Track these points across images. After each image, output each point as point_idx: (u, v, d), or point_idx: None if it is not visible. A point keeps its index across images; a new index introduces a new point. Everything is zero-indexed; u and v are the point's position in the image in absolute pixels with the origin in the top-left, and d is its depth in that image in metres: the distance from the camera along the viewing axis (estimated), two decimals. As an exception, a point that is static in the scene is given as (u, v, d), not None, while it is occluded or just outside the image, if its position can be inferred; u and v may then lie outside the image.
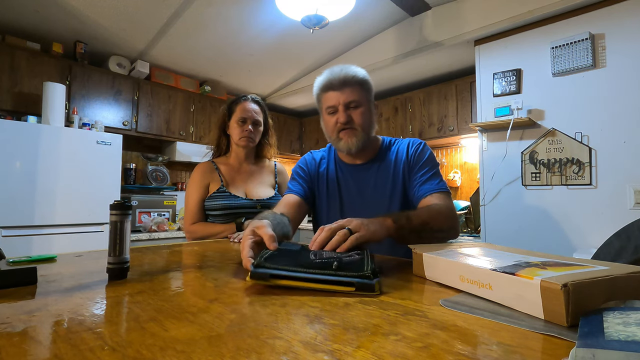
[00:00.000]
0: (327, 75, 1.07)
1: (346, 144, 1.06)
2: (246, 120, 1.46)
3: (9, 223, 2.25)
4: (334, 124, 1.06)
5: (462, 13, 2.56)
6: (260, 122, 1.51)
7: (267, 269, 0.52)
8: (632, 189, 1.92)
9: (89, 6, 2.44)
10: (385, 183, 1.09)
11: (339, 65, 1.08)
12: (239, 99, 1.51)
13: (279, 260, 0.55)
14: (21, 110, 2.59)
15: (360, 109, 1.05)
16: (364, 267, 0.54)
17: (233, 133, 1.49)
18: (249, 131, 1.46)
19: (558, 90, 2.19)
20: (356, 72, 1.06)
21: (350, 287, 0.50)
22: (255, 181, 1.52)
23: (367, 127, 1.07)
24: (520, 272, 0.42)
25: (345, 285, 0.50)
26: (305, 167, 1.20)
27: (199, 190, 1.45)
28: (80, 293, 0.50)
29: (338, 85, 1.04)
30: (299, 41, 2.97)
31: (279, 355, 0.30)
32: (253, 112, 1.48)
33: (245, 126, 1.46)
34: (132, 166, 3.29)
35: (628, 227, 0.77)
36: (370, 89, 1.09)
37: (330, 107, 1.06)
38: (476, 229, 2.94)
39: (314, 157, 1.22)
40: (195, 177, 1.47)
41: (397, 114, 3.54)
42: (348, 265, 0.54)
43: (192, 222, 1.43)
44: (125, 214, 0.60)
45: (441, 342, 0.33)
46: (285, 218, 0.93)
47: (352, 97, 1.03)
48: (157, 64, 3.30)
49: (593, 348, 0.25)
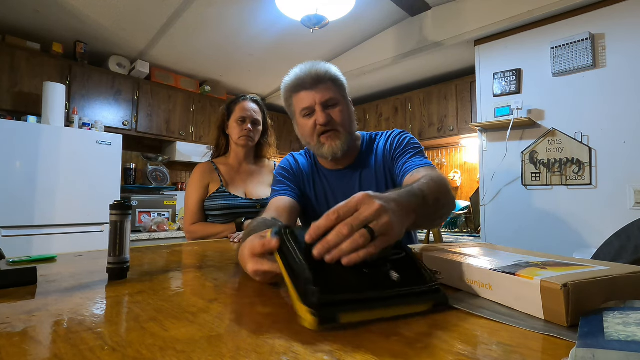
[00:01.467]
0: (297, 73, 0.95)
1: (330, 149, 0.95)
2: (245, 120, 1.47)
3: (9, 223, 2.25)
4: (312, 128, 0.95)
5: (462, 13, 2.56)
6: (259, 122, 1.51)
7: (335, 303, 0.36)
8: (632, 189, 1.92)
9: (89, 6, 2.44)
10: (371, 186, 1.00)
11: (307, 62, 0.96)
12: (237, 99, 1.52)
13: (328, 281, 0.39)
14: (21, 110, 2.59)
15: (339, 107, 0.95)
16: (423, 274, 0.42)
17: (232, 132, 1.49)
18: (248, 130, 1.46)
19: (558, 90, 2.19)
20: (328, 69, 0.96)
21: (424, 306, 0.39)
22: (254, 181, 1.52)
23: (349, 126, 0.97)
24: (520, 272, 0.42)
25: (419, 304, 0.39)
26: (289, 168, 1.09)
27: (199, 190, 1.45)
28: (80, 293, 0.50)
29: (311, 84, 0.93)
30: (299, 41, 2.97)
31: (279, 355, 0.30)
32: (252, 112, 1.48)
33: (245, 125, 1.46)
34: (132, 166, 3.29)
35: (628, 227, 0.77)
36: (343, 85, 0.99)
37: (305, 109, 0.94)
38: (476, 229, 2.94)
39: (296, 159, 1.12)
40: (194, 177, 1.47)
41: (397, 114, 3.54)
42: (407, 275, 0.41)
43: (192, 223, 1.44)
44: (125, 214, 0.60)
45: (441, 342, 0.33)
46: (278, 222, 0.84)
47: (328, 94, 0.93)
48: (157, 64, 3.30)
49: (593, 348, 0.25)
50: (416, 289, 0.40)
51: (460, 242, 2.60)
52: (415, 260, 0.46)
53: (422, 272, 0.42)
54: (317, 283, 0.37)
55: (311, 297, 0.36)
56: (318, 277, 0.39)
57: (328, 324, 0.35)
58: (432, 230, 2.64)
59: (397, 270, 0.42)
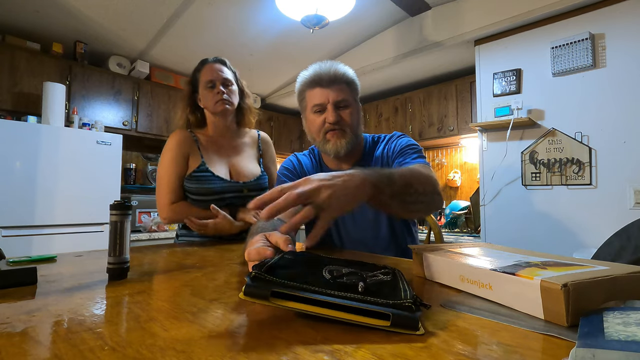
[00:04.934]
0: (315, 70, 0.99)
1: (334, 146, 0.98)
2: (215, 83, 1.27)
3: (9, 223, 2.25)
4: (321, 124, 0.98)
5: (462, 13, 2.56)
6: (230, 81, 1.30)
7: (268, 283, 0.38)
8: (632, 189, 1.92)
9: (89, 6, 2.44)
10: None
11: (327, 61, 1.00)
12: (199, 66, 1.33)
13: (283, 273, 0.41)
14: (21, 110, 2.59)
15: (349, 109, 0.99)
16: (400, 293, 0.40)
17: (206, 102, 1.28)
18: (221, 92, 1.26)
19: (558, 90, 2.19)
20: (346, 71, 1.00)
21: (384, 322, 0.36)
22: (238, 157, 1.34)
23: (356, 128, 1.01)
24: (520, 272, 0.42)
25: (375, 316, 0.36)
26: (292, 168, 1.11)
27: (179, 162, 1.24)
28: (80, 293, 0.50)
29: (327, 82, 0.97)
30: (299, 41, 2.97)
31: (279, 355, 0.30)
32: (219, 72, 1.28)
33: (216, 89, 1.26)
34: (132, 166, 3.29)
35: (628, 227, 0.77)
36: (357, 89, 1.04)
37: (317, 105, 0.98)
38: (476, 229, 2.94)
39: (299, 159, 1.14)
40: (171, 146, 1.25)
41: (397, 114, 3.54)
42: (378, 289, 0.40)
43: (173, 201, 1.23)
44: (125, 214, 0.60)
45: (441, 342, 0.33)
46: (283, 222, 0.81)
47: (341, 95, 0.97)
48: (157, 64, 3.30)
49: (593, 348, 0.25)
50: (373, 301, 0.37)
51: (460, 242, 2.60)
52: (402, 284, 0.43)
53: (399, 294, 0.39)
54: (271, 272, 0.40)
55: (252, 272, 0.39)
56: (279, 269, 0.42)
57: (256, 299, 0.37)
58: (432, 230, 2.64)
59: (370, 287, 0.40)
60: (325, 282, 0.41)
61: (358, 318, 0.36)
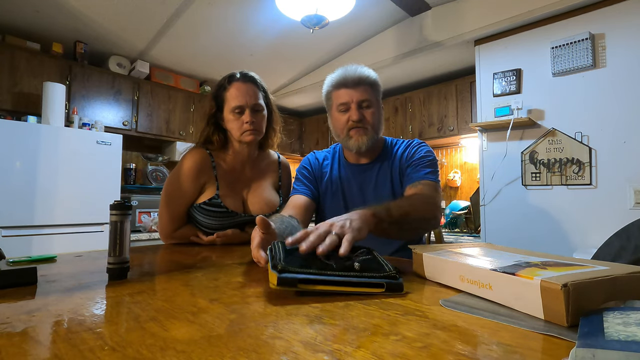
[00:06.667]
0: (342, 72, 1.08)
1: (356, 143, 1.07)
2: (244, 109, 1.12)
3: (9, 223, 2.25)
4: (345, 122, 1.07)
5: (462, 13, 2.56)
6: (261, 106, 1.15)
7: (294, 274, 0.48)
8: (632, 189, 1.92)
9: (89, 6, 2.44)
10: (385, 182, 1.10)
11: (354, 65, 1.09)
12: (225, 83, 1.16)
13: (298, 263, 0.52)
14: (21, 110, 2.59)
15: (372, 109, 1.07)
16: (385, 267, 0.54)
17: (231, 128, 1.15)
18: (251, 122, 1.11)
19: (558, 90, 2.19)
20: (370, 74, 1.08)
21: (380, 288, 0.50)
22: (256, 187, 1.21)
23: (377, 127, 1.09)
24: (520, 272, 0.42)
25: (373, 286, 0.50)
26: (309, 167, 1.20)
27: (191, 191, 1.12)
28: (80, 293, 0.50)
29: (352, 83, 1.05)
30: (299, 41, 2.97)
31: (279, 355, 0.30)
32: (249, 95, 1.13)
33: (245, 116, 1.12)
34: (132, 166, 3.29)
35: (628, 227, 0.77)
36: (380, 91, 1.12)
37: (343, 105, 1.07)
38: (476, 229, 2.94)
39: (317, 157, 1.23)
40: (187, 171, 1.11)
41: (397, 114, 3.54)
42: (369, 266, 0.53)
43: (177, 229, 1.14)
44: (125, 214, 0.60)
45: (441, 342, 0.33)
46: (294, 220, 0.91)
47: (365, 96, 1.05)
48: (157, 64, 3.30)
49: (593, 348, 0.25)
50: (374, 274, 0.51)
51: (460, 242, 2.61)
52: (383, 261, 0.56)
53: (382, 266, 0.54)
54: (287, 262, 0.51)
55: (278, 266, 0.49)
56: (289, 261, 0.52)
57: (287, 287, 0.48)
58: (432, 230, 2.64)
59: (362, 265, 0.53)
60: (331, 265, 0.53)
61: (361, 289, 0.50)
